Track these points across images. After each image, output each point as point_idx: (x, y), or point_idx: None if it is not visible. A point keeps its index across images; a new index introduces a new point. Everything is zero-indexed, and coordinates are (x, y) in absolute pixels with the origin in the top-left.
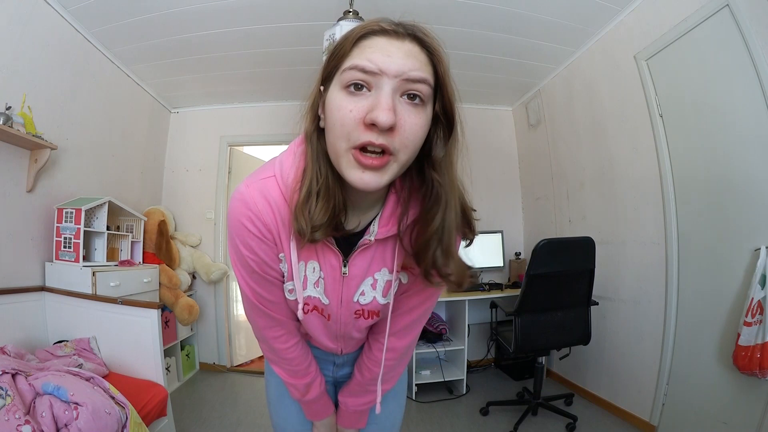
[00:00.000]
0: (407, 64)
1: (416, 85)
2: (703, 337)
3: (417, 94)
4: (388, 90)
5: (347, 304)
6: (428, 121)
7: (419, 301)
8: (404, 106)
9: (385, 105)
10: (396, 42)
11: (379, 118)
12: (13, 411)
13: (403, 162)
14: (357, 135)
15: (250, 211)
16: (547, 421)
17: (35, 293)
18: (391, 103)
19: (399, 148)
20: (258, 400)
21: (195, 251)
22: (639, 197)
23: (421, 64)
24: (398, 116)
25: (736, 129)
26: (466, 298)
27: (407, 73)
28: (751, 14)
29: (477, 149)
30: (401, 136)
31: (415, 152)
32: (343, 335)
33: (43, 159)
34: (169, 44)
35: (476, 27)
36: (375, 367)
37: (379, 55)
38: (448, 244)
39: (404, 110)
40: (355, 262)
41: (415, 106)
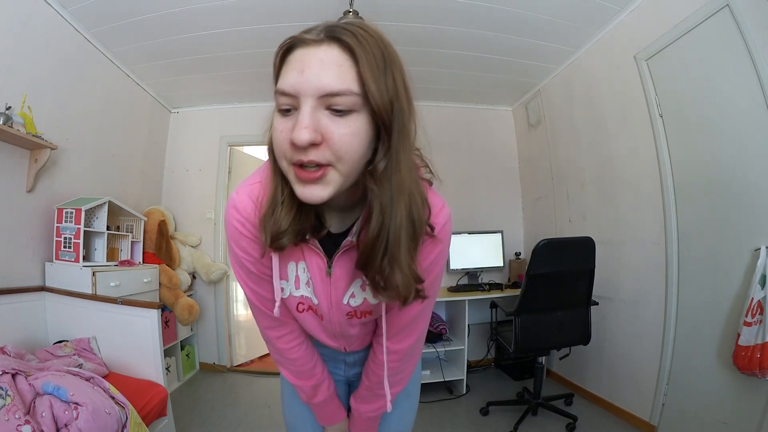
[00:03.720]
0: (322, 78)
1: (335, 99)
2: (703, 337)
3: (338, 109)
4: (307, 109)
5: (337, 305)
6: (361, 129)
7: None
8: (330, 118)
9: (301, 124)
10: (314, 50)
11: (296, 139)
12: (13, 411)
13: (346, 172)
14: (291, 154)
15: (240, 215)
16: (547, 421)
17: (35, 293)
18: (308, 121)
19: (333, 160)
20: (258, 400)
21: (195, 251)
22: (639, 197)
23: (339, 73)
24: (324, 129)
25: (736, 129)
26: (466, 298)
27: (323, 89)
28: (751, 14)
29: (477, 149)
30: (331, 149)
31: (357, 161)
32: (341, 334)
33: (43, 159)
34: (169, 44)
35: (476, 27)
36: (380, 370)
37: (296, 74)
38: (394, 254)
39: (330, 122)
40: (339, 263)
41: (341, 117)
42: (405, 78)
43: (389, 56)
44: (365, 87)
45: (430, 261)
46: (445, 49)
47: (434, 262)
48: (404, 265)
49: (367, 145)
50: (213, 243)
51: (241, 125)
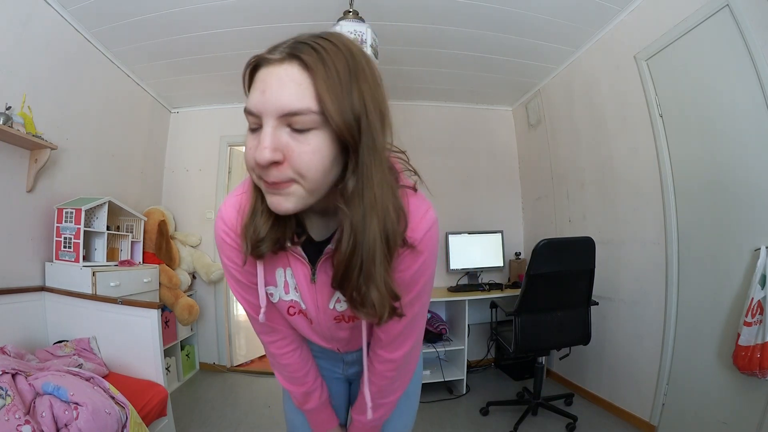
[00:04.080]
0: (281, 98)
1: (294, 118)
2: (703, 337)
3: (298, 128)
4: (268, 129)
5: (324, 310)
6: (322, 146)
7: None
8: (291, 136)
9: (262, 144)
10: (275, 69)
11: (257, 158)
12: (13, 411)
13: (310, 188)
14: (258, 171)
15: (226, 226)
16: (547, 421)
17: (35, 293)
18: (268, 141)
19: (296, 177)
20: (258, 400)
21: (195, 251)
22: (639, 197)
23: (297, 92)
24: (285, 148)
25: (736, 129)
26: (466, 298)
27: (282, 109)
28: (751, 14)
29: (477, 149)
30: (293, 166)
31: (321, 178)
32: (331, 337)
33: (43, 159)
34: (169, 44)
35: (476, 27)
36: (379, 381)
37: (258, 94)
38: (369, 272)
39: (291, 140)
40: (323, 270)
41: (302, 135)
42: (377, 91)
43: (357, 70)
44: (322, 105)
45: (412, 272)
46: (445, 49)
47: (418, 273)
48: (380, 282)
49: (331, 162)
50: (213, 243)
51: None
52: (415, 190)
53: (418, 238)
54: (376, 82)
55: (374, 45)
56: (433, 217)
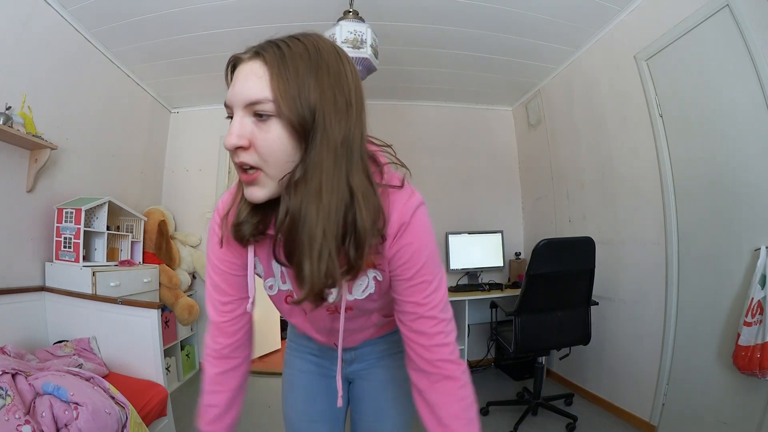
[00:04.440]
0: (244, 89)
1: (256, 107)
2: (703, 337)
3: (260, 113)
4: (236, 118)
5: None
6: (280, 134)
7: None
8: (256, 125)
9: (230, 131)
10: (243, 66)
11: (225, 143)
12: (13, 411)
13: (274, 175)
14: (231, 156)
15: (218, 216)
16: (547, 421)
17: (35, 293)
18: (236, 128)
19: (260, 163)
20: (258, 400)
21: (195, 251)
22: (639, 197)
23: (258, 84)
24: (251, 135)
25: (736, 129)
26: (466, 298)
27: (245, 99)
28: (751, 14)
29: (477, 149)
30: (257, 153)
31: (282, 164)
32: (328, 329)
33: (43, 159)
34: (169, 44)
35: (476, 27)
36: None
37: (230, 89)
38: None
39: (255, 128)
40: None
41: (263, 123)
42: (341, 84)
43: (320, 65)
44: (274, 93)
45: (409, 255)
46: (445, 49)
47: (415, 255)
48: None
49: (291, 149)
50: None
51: None
52: (401, 184)
53: (407, 220)
54: (341, 76)
55: (374, 45)
56: (418, 198)
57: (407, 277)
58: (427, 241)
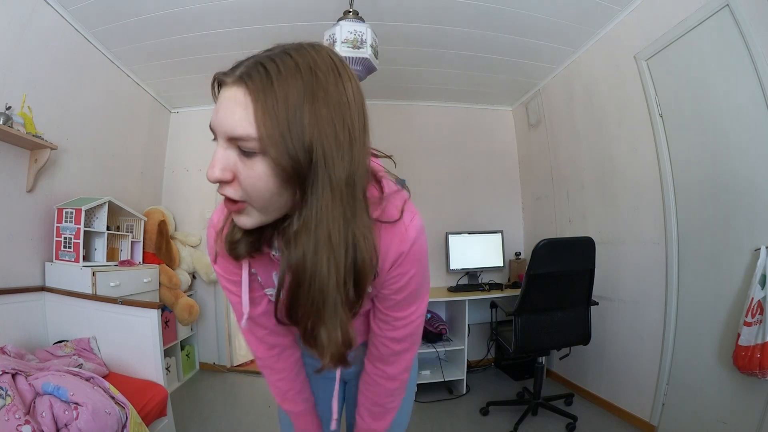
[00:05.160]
0: (227, 121)
1: (239, 142)
2: (703, 337)
3: (244, 150)
4: (219, 149)
5: None
6: (265, 173)
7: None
8: (240, 158)
9: (212, 163)
10: (226, 92)
11: (207, 175)
12: (13, 411)
13: (261, 207)
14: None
15: (214, 231)
16: (547, 421)
17: (35, 293)
18: (219, 161)
19: (245, 198)
20: (258, 400)
21: (195, 251)
22: (639, 197)
23: (242, 117)
24: (234, 168)
25: (736, 129)
26: (466, 298)
27: (228, 132)
28: (751, 14)
29: (477, 149)
30: (242, 187)
31: (269, 201)
32: None
33: (43, 159)
34: (169, 44)
35: (476, 27)
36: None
37: (214, 114)
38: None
39: (239, 162)
40: None
41: (248, 158)
42: (345, 115)
43: (317, 89)
44: (260, 133)
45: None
46: (445, 49)
47: (411, 281)
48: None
49: (279, 188)
50: None
51: None
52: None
53: (405, 250)
54: (342, 102)
55: (374, 45)
56: (417, 225)
57: (397, 299)
58: (423, 268)
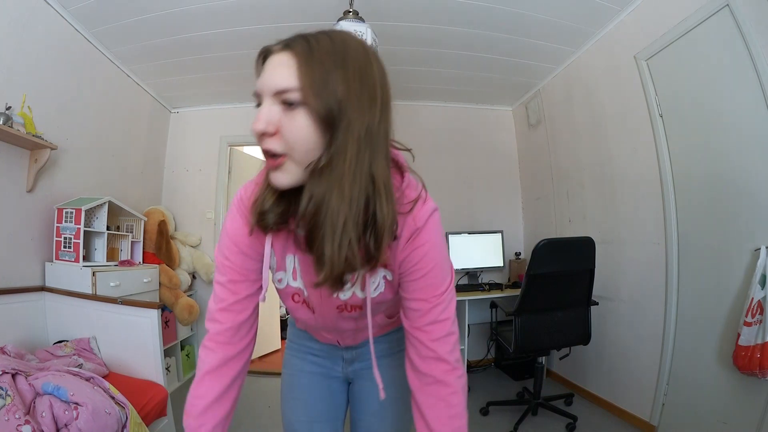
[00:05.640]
0: (273, 78)
1: (284, 95)
2: (703, 337)
3: (288, 101)
4: (265, 105)
5: (326, 299)
6: (306, 122)
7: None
8: (284, 113)
9: (257, 117)
10: (273, 58)
11: (252, 128)
12: (13, 411)
13: (299, 161)
14: (258, 142)
15: (242, 202)
16: (547, 421)
17: (35, 293)
18: (264, 114)
19: (286, 149)
20: (258, 400)
21: (195, 251)
22: (639, 197)
23: (287, 73)
24: (278, 123)
25: (736, 129)
26: (466, 298)
27: (273, 87)
28: (751, 14)
29: (477, 149)
30: (283, 139)
31: (307, 152)
32: (333, 328)
33: (43, 159)
34: (169, 44)
35: (476, 27)
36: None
37: (260, 78)
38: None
39: (283, 116)
40: None
41: (290, 111)
42: (370, 81)
43: (346, 58)
44: (302, 84)
45: (421, 256)
46: (445, 49)
47: (427, 256)
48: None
49: (316, 138)
50: (213, 243)
51: (241, 125)
52: (418, 194)
53: (420, 225)
54: (367, 71)
55: (374, 45)
56: (432, 205)
57: (417, 278)
58: (439, 244)
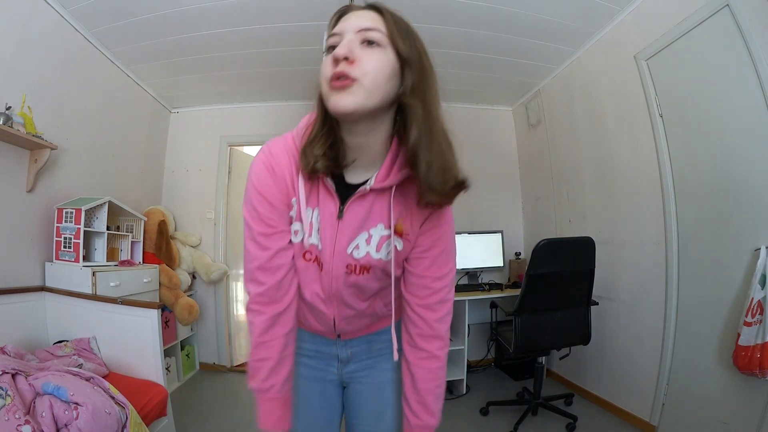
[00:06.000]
0: (360, 20)
1: (367, 33)
2: (703, 337)
3: (369, 39)
4: (347, 37)
5: (340, 255)
6: (386, 58)
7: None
8: (363, 49)
9: (341, 45)
10: (357, 12)
11: (336, 53)
12: (13, 411)
13: (369, 88)
14: (329, 71)
15: (271, 155)
16: (547, 421)
17: (35, 293)
18: (347, 44)
19: (359, 75)
20: None
21: (195, 251)
22: (639, 197)
23: (373, 18)
24: (356, 54)
25: (736, 129)
26: (466, 298)
27: (359, 26)
28: (751, 14)
29: (477, 149)
30: (359, 67)
31: (381, 81)
32: (336, 295)
33: (43, 159)
34: (169, 44)
35: (476, 27)
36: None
37: (343, 22)
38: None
39: (363, 51)
40: (351, 209)
41: (370, 47)
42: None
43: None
44: (389, 30)
45: (438, 236)
46: (445, 49)
47: (443, 237)
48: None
49: (391, 72)
50: (213, 243)
51: (241, 125)
52: None
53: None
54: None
55: None
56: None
57: (435, 254)
58: (451, 230)
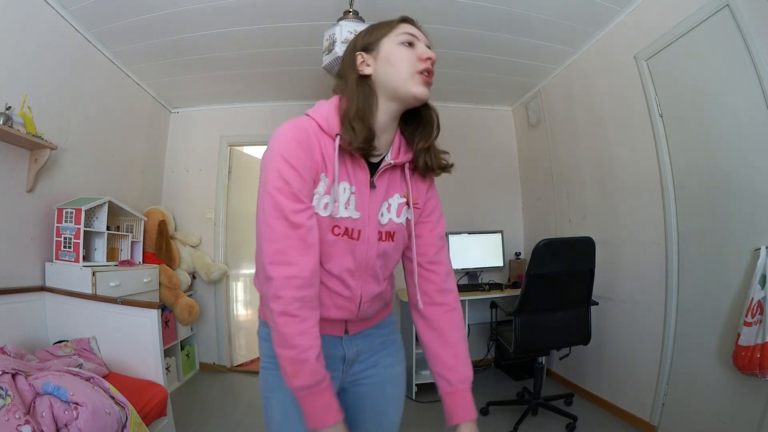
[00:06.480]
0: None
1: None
2: (703, 337)
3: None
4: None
5: (374, 221)
6: None
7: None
8: None
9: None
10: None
11: (430, 54)
12: (13, 411)
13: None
14: (420, 65)
15: (300, 130)
16: (547, 421)
17: (35, 293)
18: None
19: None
20: (258, 400)
21: (195, 251)
22: (639, 197)
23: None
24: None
25: (736, 129)
26: (466, 298)
27: (426, 40)
28: (751, 14)
29: (477, 149)
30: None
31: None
32: (366, 265)
33: (43, 159)
34: (169, 44)
35: (476, 27)
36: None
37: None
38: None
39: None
40: (380, 180)
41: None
42: None
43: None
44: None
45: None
46: (445, 49)
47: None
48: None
49: None
50: (213, 243)
51: (241, 125)
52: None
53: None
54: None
55: None
56: None
57: (437, 218)
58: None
